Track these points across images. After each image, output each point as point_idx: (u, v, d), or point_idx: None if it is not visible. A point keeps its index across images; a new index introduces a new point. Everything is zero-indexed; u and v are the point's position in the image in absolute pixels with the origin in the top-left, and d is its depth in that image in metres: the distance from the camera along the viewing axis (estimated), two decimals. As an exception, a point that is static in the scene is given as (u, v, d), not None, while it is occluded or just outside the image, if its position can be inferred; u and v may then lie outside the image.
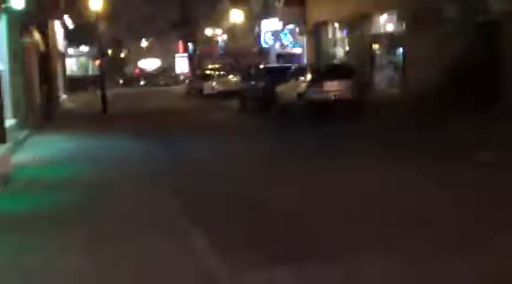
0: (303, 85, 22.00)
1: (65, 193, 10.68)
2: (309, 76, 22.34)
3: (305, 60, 39.31)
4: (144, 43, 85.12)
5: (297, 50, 43.64)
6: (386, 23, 28.97)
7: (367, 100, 21.84)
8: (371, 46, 30.05)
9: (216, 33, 63.82)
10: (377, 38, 29.69)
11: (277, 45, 45.77)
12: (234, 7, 46.13)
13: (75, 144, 18.57)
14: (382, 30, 29.37)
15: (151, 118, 27.58)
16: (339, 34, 34.95)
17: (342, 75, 21.85)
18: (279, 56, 44.83)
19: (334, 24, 34.96)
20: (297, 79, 23.14)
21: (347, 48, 33.06)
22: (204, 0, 60.62)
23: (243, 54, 54.57)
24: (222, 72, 41.50)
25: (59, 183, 11.79)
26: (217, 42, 65.05)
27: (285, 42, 44.80)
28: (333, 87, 21.29)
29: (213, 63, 57.37)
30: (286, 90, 23.49)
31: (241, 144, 17.09)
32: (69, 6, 37.04)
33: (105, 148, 17.27)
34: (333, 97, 21.12)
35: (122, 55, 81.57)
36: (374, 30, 29.92)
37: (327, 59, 35.39)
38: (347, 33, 33.14)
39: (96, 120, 27.07)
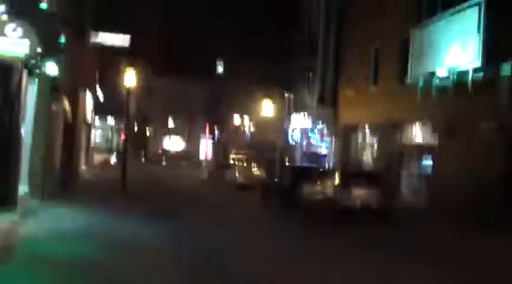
0: (330, 189, 21.19)
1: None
2: (336, 180, 21.49)
3: (331, 161, 38.77)
4: (171, 122, 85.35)
5: (324, 150, 43.14)
6: (417, 132, 28.41)
7: (393, 209, 20.95)
8: (401, 155, 29.40)
9: (244, 123, 63.75)
10: (407, 147, 29.08)
11: (304, 142, 45.28)
12: (267, 98, 45.97)
13: (88, 220, 17.81)
14: (413, 140, 28.78)
15: (170, 203, 26.41)
16: (368, 139, 34.47)
17: (370, 183, 21.05)
18: (305, 154, 44.35)
19: (364, 129, 34.53)
20: (323, 181, 22.35)
21: (375, 154, 32.46)
22: (238, 87, 60.88)
23: (269, 147, 54.14)
24: (244, 163, 40.94)
25: (63, 266, 10.91)
26: (244, 131, 64.92)
27: (313, 141, 44.34)
28: (360, 194, 20.47)
29: (237, 153, 56.96)
30: (312, 190, 22.68)
31: (269, 246, 15.98)
32: (102, 77, 37.00)
33: (117, 229, 16.45)
34: (359, 204, 20.27)
35: (148, 132, 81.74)
36: (405, 139, 29.37)
37: (355, 162, 34.81)
38: (377, 139, 32.65)
39: (114, 197, 26.36)
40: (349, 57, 36.02)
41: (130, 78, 30.58)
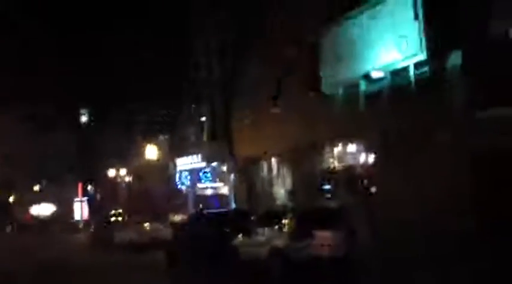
0: (278, 237, 15.73)
1: None
2: (290, 225, 15.78)
3: (232, 203, 33.84)
4: (37, 186, 77.34)
5: (222, 189, 38.29)
6: (344, 153, 24.02)
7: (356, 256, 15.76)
8: (323, 182, 24.89)
9: (120, 174, 57.79)
10: (331, 172, 24.62)
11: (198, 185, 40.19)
12: (149, 142, 40.62)
13: None
14: (337, 163, 24.38)
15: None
16: (276, 170, 29.88)
17: (330, 222, 15.65)
18: (199, 198, 39.34)
19: (270, 158, 29.92)
20: (262, 227, 16.98)
21: (289, 187, 27.83)
22: (110, 135, 55.01)
23: (153, 196, 48.74)
24: (138, 219, 34.83)
25: None
26: (120, 183, 58.91)
27: (205, 183, 39.35)
28: (325, 240, 15.15)
29: (116, 209, 50.91)
30: (247, 242, 17.24)
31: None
32: None
33: None
34: (327, 254, 14.87)
35: (11, 199, 73.48)
36: (326, 163, 24.96)
37: (264, 200, 30.06)
38: (287, 169, 28.09)
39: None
40: (243, 80, 31.24)
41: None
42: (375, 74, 19.72)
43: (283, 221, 16.18)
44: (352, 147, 23.06)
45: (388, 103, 20.12)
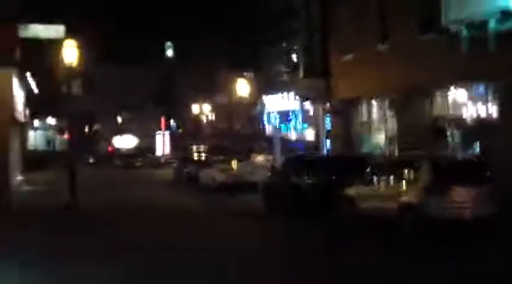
0: (407, 191, 13.54)
1: None
2: (425, 177, 13.21)
3: (324, 148, 31.52)
4: (119, 118, 76.84)
5: (309, 135, 36.07)
6: (459, 99, 21.35)
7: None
8: (437, 130, 22.25)
9: (204, 111, 56.30)
10: (445, 120, 22.00)
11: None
12: (238, 77, 38.57)
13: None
14: (452, 111, 21.75)
15: (138, 225, 18.42)
16: (376, 115, 27.38)
17: (475, 178, 13.34)
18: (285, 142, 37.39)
19: (371, 102, 27.41)
20: (382, 177, 14.70)
21: (395, 135, 25.31)
22: (192, 71, 53.32)
23: (236, 136, 47.16)
24: (222, 157, 32.89)
25: None
26: (203, 120, 57.51)
27: (298, 125, 37.13)
28: (466, 197, 12.92)
29: (198, 144, 49.74)
30: (365, 192, 15.11)
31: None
32: (33, 60, 28.84)
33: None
34: (468, 214, 12.65)
35: (95, 129, 73.38)
36: (438, 110, 22.36)
37: (360, 146, 27.76)
38: (393, 114, 25.52)
39: (59, 223, 18.70)
40: (341, 11, 28.51)
41: (70, 54, 22.79)
42: None
43: (409, 172, 13.82)
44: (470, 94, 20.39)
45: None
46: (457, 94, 21.63)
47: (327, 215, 16.33)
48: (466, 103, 20.99)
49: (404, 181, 13.70)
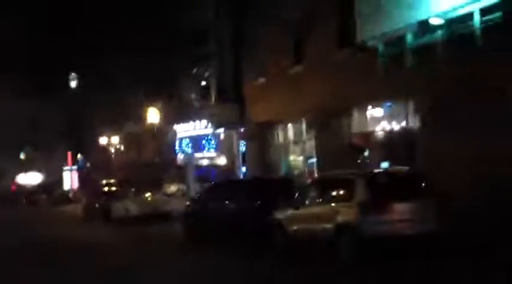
0: (345, 211, 12.53)
1: None
2: (360, 195, 12.24)
3: (240, 173, 30.75)
4: (23, 155, 73.81)
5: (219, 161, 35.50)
6: (381, 118, 21.10)
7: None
8: (354, 148, 21.90)
9: (113, 142, 54.58)
10: (364, 137, 21.71)
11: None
12: (149, 105, 37.51)
13: None
14: (370, 128, 21.49)
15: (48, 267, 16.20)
16: (292, 135, 26.94)
17: (413, 190, 12.71)
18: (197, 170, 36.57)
19: (287, 124, 26.93)
20: (317, 198, 13.78)
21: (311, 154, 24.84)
22: (100, 101, 51.73)
23: (146, 166, 45.84)
24: (133, 189, 31.48)
25: None
26: (112, 153, 55.73)
27: (209, 152, 36.32)
28: (406, 213, 12.20)
29: (107, 177, 47.98)
30: (295, 217, 14.11)
31: None
32: None
33: None
34: (409, 231, 11.88)
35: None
36: (356, 127, 22.07)
37: (277, 169, 27.17)
38: (311, 136, 25.04)
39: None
40: (254, 34, 27.87)
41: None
42: (434, 21, 16.52)
43: (340, 191, 13.08)
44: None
45: (446, 60, 17.01)
46: (374, 111, 21.36)
47: (254, 242, 15.35)
48: (384, 119, 20.76)
49: (339, 201, 12.94)
